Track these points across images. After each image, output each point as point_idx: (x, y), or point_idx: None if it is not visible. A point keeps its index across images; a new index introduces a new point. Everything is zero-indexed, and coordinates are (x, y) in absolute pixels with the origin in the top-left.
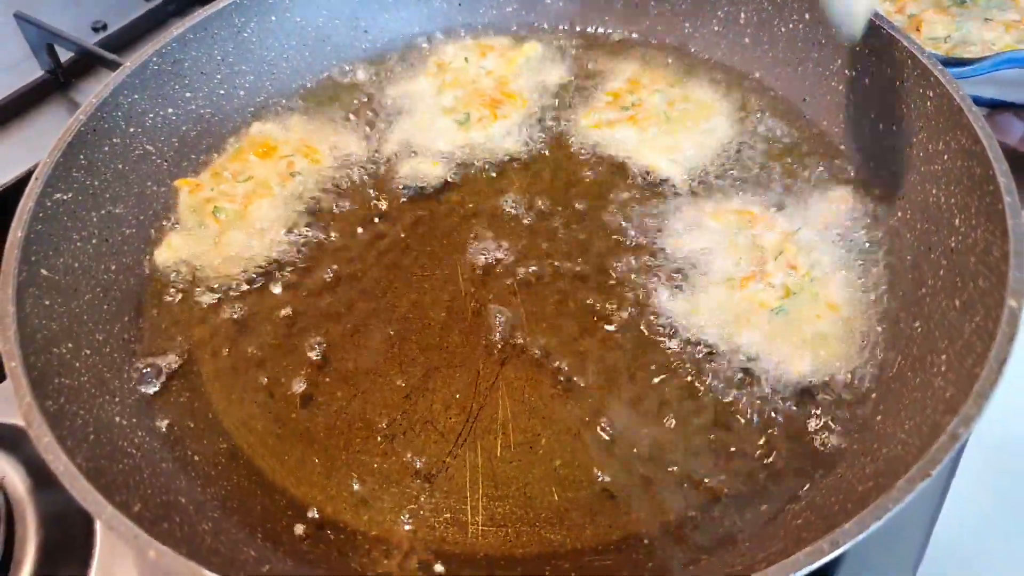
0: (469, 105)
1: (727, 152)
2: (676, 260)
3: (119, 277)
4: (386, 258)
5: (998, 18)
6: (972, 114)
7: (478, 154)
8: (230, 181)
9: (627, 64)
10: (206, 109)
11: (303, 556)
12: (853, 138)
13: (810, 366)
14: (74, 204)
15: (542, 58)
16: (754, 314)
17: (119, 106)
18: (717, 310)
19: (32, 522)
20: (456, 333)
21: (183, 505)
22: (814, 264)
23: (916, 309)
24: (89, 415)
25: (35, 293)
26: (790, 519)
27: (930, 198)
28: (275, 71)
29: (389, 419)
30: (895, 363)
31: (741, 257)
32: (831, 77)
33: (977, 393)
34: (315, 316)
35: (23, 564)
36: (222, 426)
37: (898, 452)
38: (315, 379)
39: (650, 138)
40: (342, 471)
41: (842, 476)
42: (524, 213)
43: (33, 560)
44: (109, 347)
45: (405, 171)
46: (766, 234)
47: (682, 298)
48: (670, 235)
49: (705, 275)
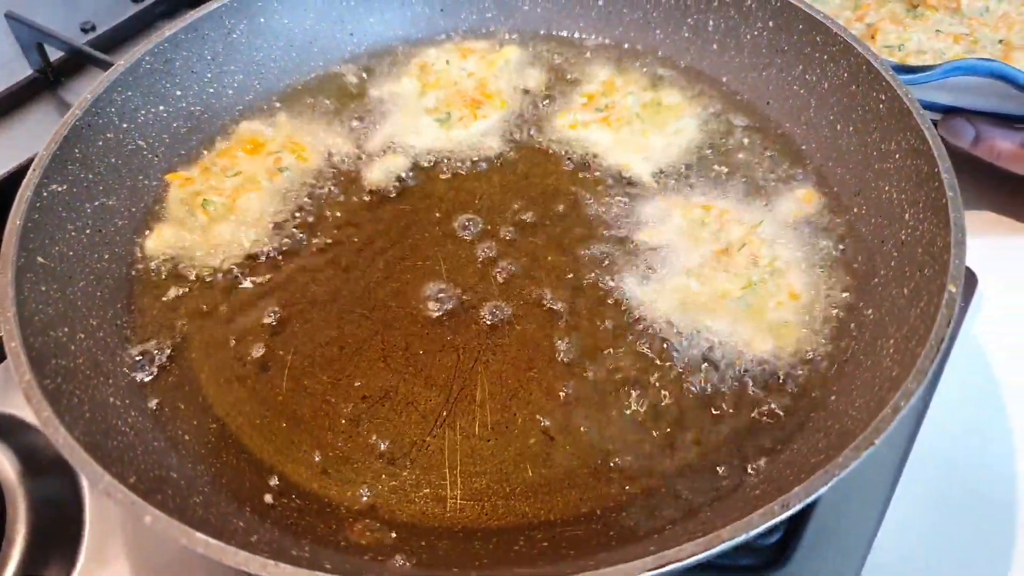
0: (451, 105)
1: (695, 151)
2: (644, 252)
3: (112, 266)
4: (370, 250)
5: (947, 30)
6: (919, 116)
7: (459, 152)
8: (219, 176)
9: (601, 68)
10: (196, 107)
11: (290, 528)
12: (813, 139)
13: (770, 351)
14: (69, 196)
15: (520, 61)
16: (717, 302)
17: (112, 102)
18: (682, 298)
19: (23, 506)
20: (437, 321)
21: (175, 480)
22: (776, 256)
23: (869, 297)
24: (84, 395)
25: (32, 279)
26: (748, 491)
27: (883, 194)
28: (263, 71)
29: (373, 402)
30: (849, 348)
31: (706, 249)
32: (793, 81)
33: (917, 370)
34: (301, 304)
35: (14, 545)
36: (211, 408)
37: (848, 427)
38: (300, 364)
39: (622, 138)
40: (327, 451)
41: (797, 451)
42: (502, 208)
43: (24, 542)
44: (103, 332)
45: (389, 167)
46: (730, 228)
47: (649, 287)
48: (639, 228)
49: (671, 266)
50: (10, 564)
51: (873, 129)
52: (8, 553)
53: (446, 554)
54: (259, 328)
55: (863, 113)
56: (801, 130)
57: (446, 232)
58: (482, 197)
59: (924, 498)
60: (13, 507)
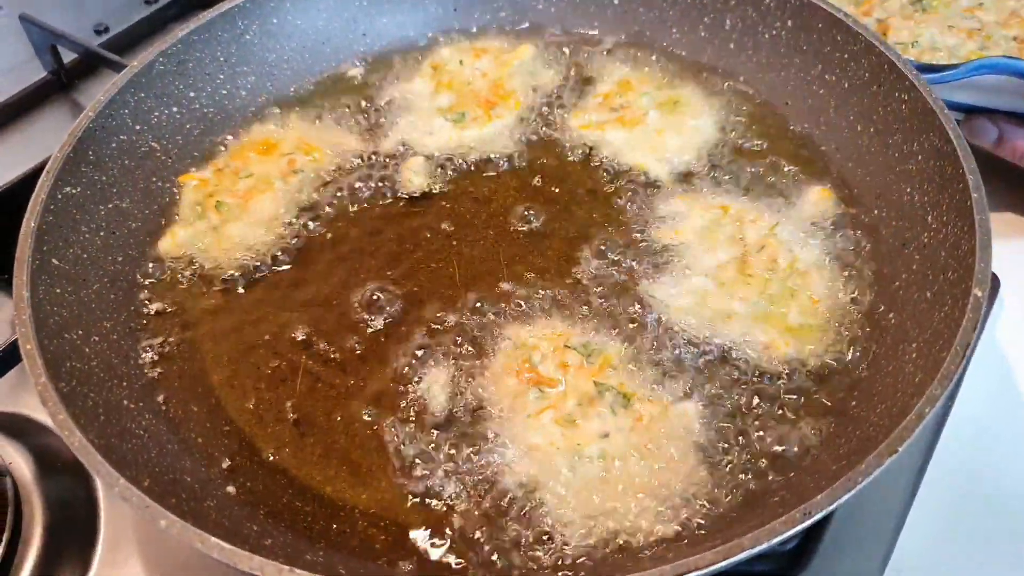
0: (464, 105)
1: (712, 152)
2: (661, 252)
3: (125, 268)
4: (383, 251)
5: (960, 25)
6: (944, 116)
7: (472, 152)
8: (232, 177)
9: (617, 67)
10: (209, 108)
11: (304, 532)
12: (833, 139)
13: (789, 355)
14: (83, 198)
15: (535, 61)
16: (736, 305)
17: (126, 104)
18: (699, 300)
19: (39, 505)
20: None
21: (188, 483)
22: (795, 258)
23: (891, 301)
24: (99, 397)
25: (47, 281)
26: (768, 498)
27: (904, 196)
28: (276, 72)
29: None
30: (871, 352)
31: (722, 250)
32: (812, 82)
33: (942, 375)
34: (313, 306)
35: (30, 545)
36: (223, 410)
37: (870, 433)
38: (314, 367)
39: (638, 138)
40: (340, 454)
41: (818, 458)
42: (516, 209)
43: (41, 541)
44: (116, 334)
45: (402, 169)
46: (749, 229)
47: (665, 288)
48: (656, 229)
49: (688, 267)
50: (26, 564)
51: (895, 130)
52: (24, 553)
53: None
54: (273, 330)
55: (885, 114)
56: (820, 131)
57: (458, 236)
58: (496, 200)
59: (945, 503)
60: (29, 507)
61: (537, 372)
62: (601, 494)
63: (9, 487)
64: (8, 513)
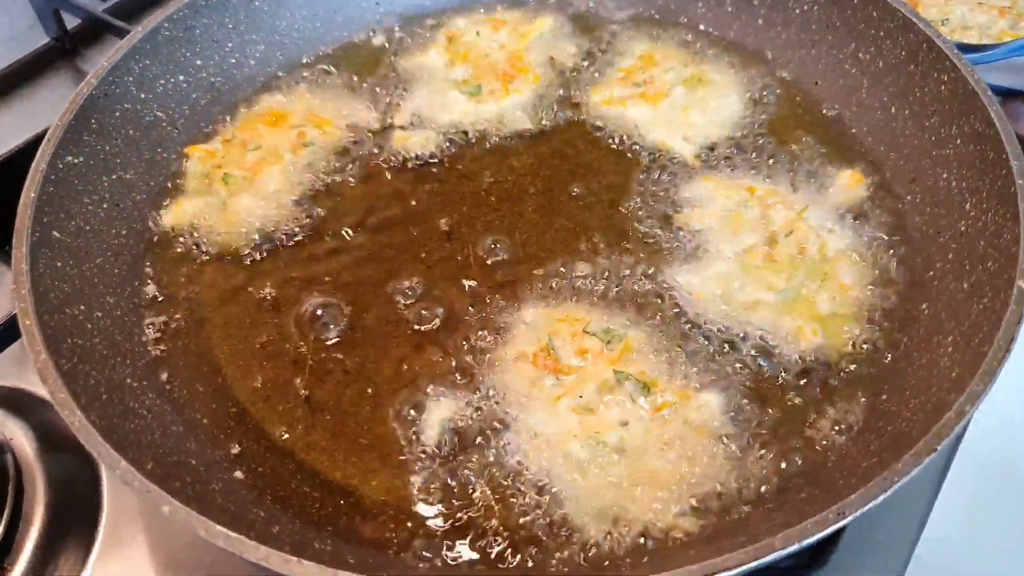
0: (481, 78)
1: (738, 131)
2: (685, 235)
3: (129, 241)
4: (394, 229)
5: (991, 2)
6: (987, 98)
7: (489, 127)
8: (240, 149)
9: (640, 41)
10: (217, 77)
11: (312, 519)
12: (865, 121)
13: (817, 344)
14: (85, 168)
15: (554, 33)
16: (761, 291)
17: (130, 71)
18: (724, 285)
19: (41, 483)
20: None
21: (193, 466)
22: (824, 244)
23: (923, 291)
24: (101, 376)
25: (48, 254)
26: (794, 494)
27: (941, 182)
28: (286, 41)
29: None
30: (902, 343)
31: (748, 234)
32: (844, 60)
33: (984, 372)
34: (322, 282)
35: (32, 523)
36: (230, 390)
37: (903, 429)
38: (323, 348)
39: (661, 115)
40: (351, 439)
41: (846, 453)
42: (534, 187)
43: (42, 519)
44: (120, 310)
45: (415, 143)
46: (775, 212)
47: (689, 273)
48: (680, 210)
49: (714, 250)
50: (27, 544)
51: (932, 112)
52: (25, 532)
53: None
54: (281, 308)
55: (921, 95)
56: (851, 112)
57: (473, 214)
58: (513, 177)
59: (970, 498)
60: (31, 486)
61: (554, 358)
62: (620, 486)
63: (10, 464)
64: (9, 491)
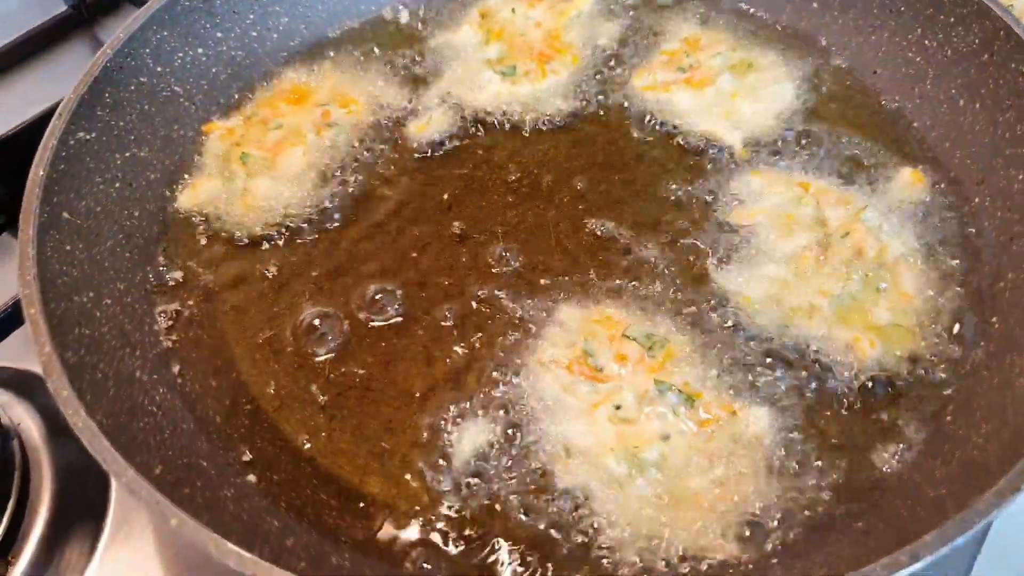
0: (516, 58)
1: (790, 121)
2: (731, 233)
3: (142, 223)
4: (423, 219)
5: None
6: None
7: (524, 110)
8: (260, 127)
9: (685, 23)
10: (238, 51)
11: (329, 530)
12: (928, 115)
13: (875, 357)
14: (97, 144)
15: (594, 12)
16: (814, 297)
17: (147, 42)
18: (774, 289)
19: (48, 472)
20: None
21: (204, 468)
22: (883, 248)
23: (993, 303)
24: (109, 368)
25: (56, 237)
26: (850, 522)
27: (1015, 184)
28: (310, 14)
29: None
30: (969, 360)
31: (802, 234)
32: (908, 48)
33: None
34: (345, 273)
35: (38, 513)
36: (245, 386)
37: (974, 457)
38: (345, 344)
39: (708, 102)
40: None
41: (908, 479)
42: (570, 176)
43: (48, 511)
44: (130, 297)
45: (445, 124)
46: (830, 211)
47: (736, 275)
48: (726, 205)
49: (763, 251)
50: (32, 534)
51: (1008, 107)
52: (31, 523)
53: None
54: (300, 299)
55: (995, 87)
56: (914, 104)
57: (505, 201)
58: (548, 164)
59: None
60: (38, 473)
61: (589, 364)
62: (659, 505)
63: (16, 451)
64: (15, 480)
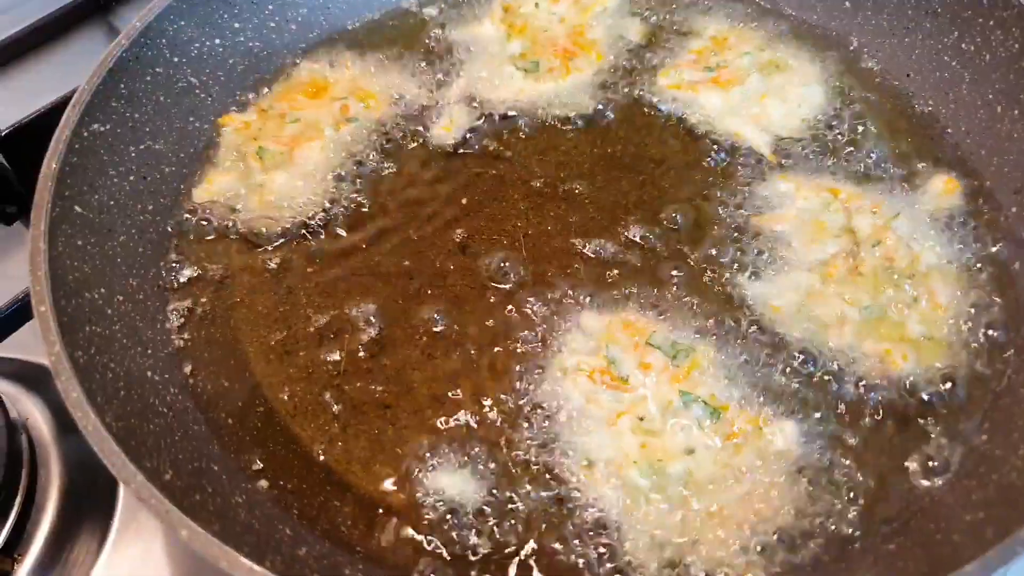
0: (539, 54)
1: (820, 125)
2: (758, 239)
3: (156, 218)
4: (441, 216)
5: None
6: None
7: (547, 108)
8: (277, 121)
9: (712, 21)
10: (255, 42)
11: (342, 539)
12: (964, 121)
13: (907, 372)
14: (112, 136)
15: (620, 8)
16: (843, 308)
17: (164, 32)
18: (803, 299)
19: (56, 467)
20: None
21: (216, 473)
22: (915, 257)
23: None
24: (120, 368)
25: (68, 231)
26: (882, 544)
27: None
28: (330, 6)
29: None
30: (1004, 376)
31: (831, 241)
32: (944, 51)
33: None
34: (361, 272)
35: (45, 511)
36: (259, 387)
37: (1012, 480)
38: (362, 347)
39: (735, 103)
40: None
41: (941, 500)
42: (594, 177)
43: (56, 508)
44: (143, 294)
45: (466, 121)
46: (860, 218)
47: (763, 283)
48: (753, 211)
49: (790, 259)
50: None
51: None
52: (38, 519)
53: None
54: (315, 298)
55: None
56: (948, 110)
57: (529, 202)
58: (571, 164)
59: None
60: (46, 469)
61: (612, 373)
62: (683, 521)
63: (25, 447)
64: (23, 475)
